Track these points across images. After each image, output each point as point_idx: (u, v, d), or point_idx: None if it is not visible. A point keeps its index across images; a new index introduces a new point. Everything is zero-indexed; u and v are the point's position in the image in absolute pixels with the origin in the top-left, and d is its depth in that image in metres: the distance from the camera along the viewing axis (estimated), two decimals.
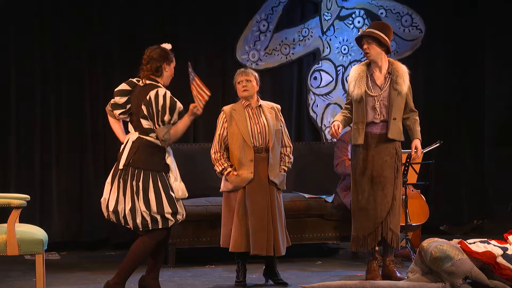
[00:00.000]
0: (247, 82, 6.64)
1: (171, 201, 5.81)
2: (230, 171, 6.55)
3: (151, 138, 5.84)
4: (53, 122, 8.35)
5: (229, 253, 6.55)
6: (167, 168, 5.87)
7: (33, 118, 8.27)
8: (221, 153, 6.62)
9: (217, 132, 6.65)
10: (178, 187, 5.88)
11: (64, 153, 8.37)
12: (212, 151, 6.66)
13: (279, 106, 6.77)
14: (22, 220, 5.94)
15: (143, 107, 5.80)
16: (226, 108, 6.69)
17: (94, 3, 8.43)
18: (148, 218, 5.76)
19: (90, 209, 8.42)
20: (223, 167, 6.58)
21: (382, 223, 6.66)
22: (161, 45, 5.99)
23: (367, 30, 6.70)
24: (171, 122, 5.82)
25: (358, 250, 6.78)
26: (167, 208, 5.79)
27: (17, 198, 5.71)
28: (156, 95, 5.78)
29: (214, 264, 7.56)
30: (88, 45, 8.43)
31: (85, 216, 8.40)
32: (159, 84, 5.89)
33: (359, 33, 6.77)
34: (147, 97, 5.78)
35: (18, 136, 8.25)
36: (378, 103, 6.65)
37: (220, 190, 6.69)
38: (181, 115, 5.86)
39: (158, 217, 5.77)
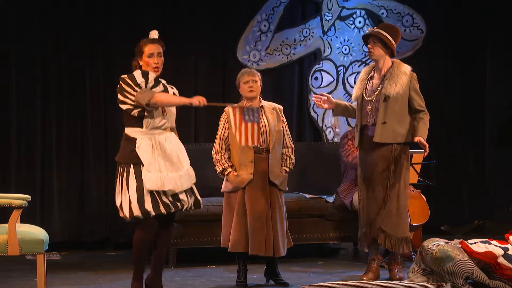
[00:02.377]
0: (253, 82, 6.60)
1: (129, 195, 5.69)
2: (230, 172, 6.55)
3: (127, 130, 5.83)
4: (54, 122, 8.35)
5: (230, 253, 6.55)
6: (134, 160, 5.73)
7: (33, 118, 8.27)
8: (222, 154, 6.61)
9: (219, 133, 6.63)
10: (149, 178, 5.70)
11: (65, 153, 8.37)
12: (213, 151, 6.65)
13: (281, 107, 6.75)
14: (23, 220, 5.94)
15: (118, 95, 5.81)
16: (228, 108, 6.68)
17: (95, 3, 8.43)
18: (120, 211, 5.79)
19: (91, 209, 8.43)
20: (223, 167, 6.57)
21: (371, 224, 6.69)
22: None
23: (375, 30, 6.69)
24: (146, 86, 5.74)
25: (359, 248, 6.84)
26: (123, 202, 5.71)
27: (18, 198, 5.71)
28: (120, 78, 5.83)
29: (215, 264, 7.56)
30: (88, 44, 8.43)
31: (86, 216, 8.40)
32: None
33: (367, 31, 6.76)
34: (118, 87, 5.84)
35: (19, 136, 8.25)
36: (370, 106, 6.66)
37: (221, 191, 6.69)
38: (144, 75, 5.75)
39: (122, 210, 5.75)
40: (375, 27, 6.79)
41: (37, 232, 5.75)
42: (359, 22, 9.20)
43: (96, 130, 8.46)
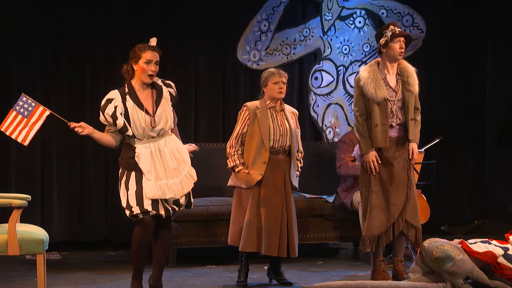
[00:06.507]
0: (283, 84, 6.58)
1: (129, 197, 5.75)
2: (241, 169, 6.50)
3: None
4: (54, 122, 8.34)
5: (230, 253, 6.55)
6: (135, 167, 5.78)
7: None
8: (236, 149, 6.54)
9: (237, 128, 6.57)
10: (149, 187, 5.74)
11: (65, 153, 8.37)
12: (228, 145, 6.58)
13: (297, 112, 6.77)
14: (23, 220, 5.94)
15: None
16: (250, 105, 6.60)
17: (95, 3, 8.43)
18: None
19: (91, 209, 8.42)
20: (235, 163, 6.52)
21: (394, 224, 6.64)
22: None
23: (405, 32, 6.67)
24: (105, 123, 5.90)
25: (366, 250, 6.68)
26: (123, 202, 5.77)
27: (18, 198, 5.71)
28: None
29: (215, 264, 7.56)
30: (88, 45, 8.42)
31: (86, 216, 8.40)
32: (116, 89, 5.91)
33: (400, 30, 6.63)
34: None
35: None
36: (394, 106, 6.62)
37: (228, 185, 6.63)
38: (113, 118, 5.82)
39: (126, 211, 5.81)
40: (396, 27, 6.60)
41: (37, 232, 5.75)
42: (359, 22, 9.20)
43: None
